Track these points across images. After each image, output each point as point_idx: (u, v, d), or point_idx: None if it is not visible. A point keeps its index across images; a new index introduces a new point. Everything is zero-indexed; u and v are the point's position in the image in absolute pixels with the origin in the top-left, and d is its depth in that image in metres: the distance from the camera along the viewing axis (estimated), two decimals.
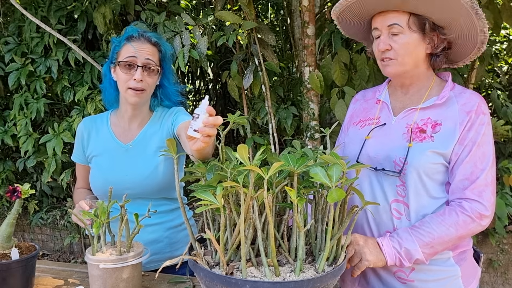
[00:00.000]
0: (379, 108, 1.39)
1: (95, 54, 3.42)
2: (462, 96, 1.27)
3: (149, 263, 1.53)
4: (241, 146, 0.90)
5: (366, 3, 1.24)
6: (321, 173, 0.93)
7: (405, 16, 1.22)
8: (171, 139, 1.14)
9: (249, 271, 0.94)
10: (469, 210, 1.19)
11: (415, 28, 1.23)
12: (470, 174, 1.20)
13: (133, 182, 1.53)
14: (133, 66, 1.46)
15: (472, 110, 1.22)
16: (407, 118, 1.31)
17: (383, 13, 1.25)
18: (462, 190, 1.21)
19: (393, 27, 1.23)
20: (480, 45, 1.27)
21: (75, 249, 4.25)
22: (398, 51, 1.24)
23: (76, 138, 1.67)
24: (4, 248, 1.27)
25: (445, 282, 1.27)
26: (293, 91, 3.71)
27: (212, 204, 0.92)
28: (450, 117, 1.24)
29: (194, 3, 4.42)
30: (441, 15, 1.21)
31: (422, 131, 1.25)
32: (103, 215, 1.21)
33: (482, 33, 1.23)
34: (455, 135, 1.22)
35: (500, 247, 3.22)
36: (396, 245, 1.20)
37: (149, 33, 1.53)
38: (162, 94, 1.61)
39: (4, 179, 3.88)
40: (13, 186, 1.28)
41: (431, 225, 1.20)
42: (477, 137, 1.21)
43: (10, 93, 3.80)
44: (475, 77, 3.14)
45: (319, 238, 1.06)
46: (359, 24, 1.37)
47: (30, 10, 3.38)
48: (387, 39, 1.25)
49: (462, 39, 1.28)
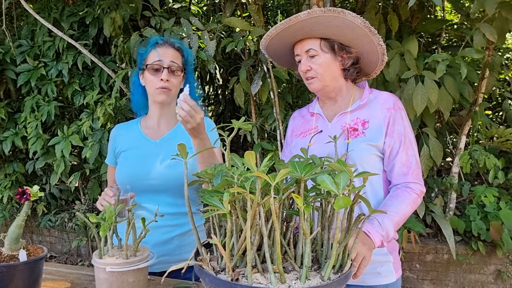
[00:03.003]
0: (315, 119, 1.63)
1: (105, 59, 3.46)
2: (380, 97, 1.53)
3: (158, 264, 1.57)
4: (249, 152, 0.90)
5: (285, 35, 1.51)
6: (328, 181, 0.93)
7: (317, 41, 1.49)
8: (182, 144, 1.14)
9: (254, 277, 0.94)
10: (415, 189, 1.45)
11: (326, 50, 1.49)
12: (406, 161, 1.47)
13: (157, 172, 1.60)
14: (159, 69, 1.61)
15: (391, 107, 1.50)
16: (340, 121, 1.54)
17: (300, 41, 1.52)
18: (404, 175, 1.47)
19: (309, 51, 1.50)
20: (382, 56, 1.52)
21: (82, 251, 4.28)
22: (316, 70, 1.50)
23: (109, 142, 1.80)
24: (12, 250, 1.28)
25: (380, 265, 1.49)
26: (302, 98, 3.71)
27: (219, 210, 0.92)
28: (374, 115, 1.50)
29: (204, 10, 4.45)
30: (344, 36, 1.47)
31: (355, 129, 1.50)
32: (110, 218, 1.22)
33: (380, 46, 1.49)
34: (382, 129, 1.47)
35: (509, 258, 3.19)
36: (379, 229, 1.33)
37: (172, 39, 1.69)
38: None
39: (14, 181, 3.93)
40: (22, 188, 1.30)
41: (395, 205, 1.40)
42: (403, 130, 1.48)
43: (22, 96, 3.85)
44: (485, 86, 3.12)
45: (325, 246, 1.05)
46: (285, 53, 1.63)
47: (44, 14, 3.43)
48: (306, 62, 1.51)
49: (366, 54, 1.53)
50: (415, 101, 2.62)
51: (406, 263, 3.36)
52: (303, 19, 1.42)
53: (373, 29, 1.44)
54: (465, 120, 3.22)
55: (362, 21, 1.42)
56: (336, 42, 1.49)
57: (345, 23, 1.42)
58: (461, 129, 3.26)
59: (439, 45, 3.43)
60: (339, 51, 1.50)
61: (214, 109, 4.95)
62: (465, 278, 3.30)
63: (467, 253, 3.21)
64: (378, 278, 1.50)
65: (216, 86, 4.79)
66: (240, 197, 0.97)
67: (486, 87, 3.12)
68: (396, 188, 1.48)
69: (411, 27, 3.19)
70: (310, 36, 1.49)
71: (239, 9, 3.45)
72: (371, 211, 1.07)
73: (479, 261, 3.25)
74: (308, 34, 1.49)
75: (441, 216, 3.12)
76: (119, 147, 1.72)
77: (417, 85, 2.64)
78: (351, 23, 1.42)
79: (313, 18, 1.42)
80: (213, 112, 4.91)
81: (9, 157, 4.04)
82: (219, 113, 4.74)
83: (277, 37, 1.53)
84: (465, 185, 3.33)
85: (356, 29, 1.44)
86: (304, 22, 1.44)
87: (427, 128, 3.00)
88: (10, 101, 3.93)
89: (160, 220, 1.48)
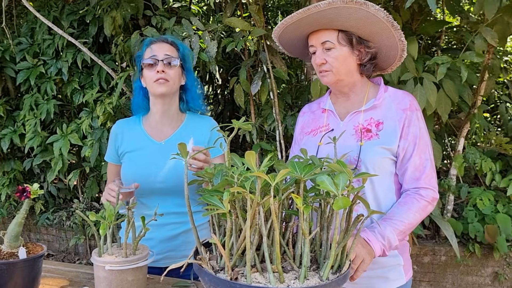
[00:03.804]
0: (326, 116, 1.55)
1: (105, 58, 3.46)
2: (396, 97, 1.46)
3: (164, 259, 1.62)
4: (249, 152, 0.91)
5: (300, 25, 1.41)
6: (327, 181, 0.93)
7: (334, 33, 1.40)
8: (182, 143, 1.15)
9: (253, 276, 0.94)
10: (426, 196, 1.38)
11: (344, 43, 1.40)
12: (419, 165, 1.40)
13: (164, 175, 1.60)
14: (155, 63, 1.61)
15: (407, 108, 1.42)
16: (353, 120, 1.47)
17: (316, 32, 1.43)
18: (416, 180, 1.40)
19: (325, 43, 1.41)
20: (401, 52, 1.44)
21: (80, 250, 4.27)
22: (332, 64, 1.41)
23: (110, 139, 1.77)
24: (11, 247, 1.28)
25: (389, 269, 1.44)
26: (301, 99, 3.72)
27: (218, 209, 0.93)
28: (389, 116, 1.42)
29: (204, 9, 4.45)
30: (363, 30, 1.39)
31: (368, 130, 1.43)
32: (110, 217, 1.22)
33: (400, 42, 1.40)
34: (397, 131, 1.40)
35: (506, 261, 3.20)
36: (380, 238, 1.30)
37: (164, 36, 1.71)
38: (187, 97, 1.73)
39: (12, 178, 3.92)
40: (22, 186, 1.30)
41: (401, 214, 1.35)
42: (418, 132, 1.40)
43: (21, 94, 3.84)
44: (484, 89, 3.12)
45: (324, 246, 1.06)
46: (298, 43, 1.53)
47: (43, 12, 3.43)
48: (322, 54, 1.42)
49: (385, 49, 1.45)
50: None
51: None
52: (323, 9, 1.32)
53: (395, 23, 1.36)
54: (463, 123, 3.23)
55: (385, 14, 1.33)
56: (354, 35, 1.40)
57: (367, 16, 1.33)
58: (459, 131, 3.27)
59: (439, 48, 3.44)
60: (357, 44, 1.41)
61: (214, 109, 4.96)
62: (462, 280, 3.31)
63: (465, 255, 3.22)
64: (387, 283, 1.45)
65: (216, 86, 4.80)
66: (240, 196, 0.98)
67: (485, 90, 3.13)
68: (406, 194, 1.41)
69: (411, 29, 3.20)
70: (327, 27, 1.40)
71: (239, 9, 3.45)
72: (369, 212, 1.07)
73: (476, 263, 3.26)
74: (325, 25, 1.39)
75: (439, 218, 3.13)
76: (122, 147, 1.71)
77: (415, 86, 2.65)
78: (373, 16, 1.33)
79: (333, 8, 1.32)
80: (213, 112, 4.92)
81: (7, 155, 4.03)
82: (219, 113, 4.74)
83: (292, 26, 1.43)
84: (463, 187, 3.34)
85: (378, 23, 1.35)
86: (323, 13, 1.34)
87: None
88: (9, 99, 3.92)
89: (166, 218, 1.52)
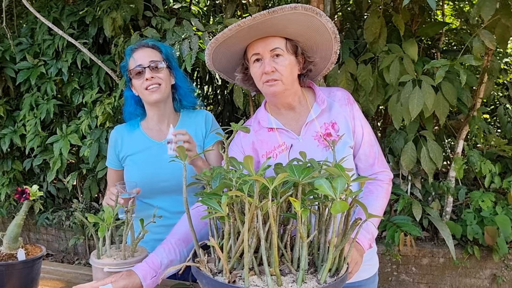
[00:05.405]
0: (278, 135, 1.46)
1: (104, 58, 3.46)
2: (333, 95, 1.48)
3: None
4: (247, 156, 0.91)
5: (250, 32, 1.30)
6: (325, 185, 0.94)
7: (283, 41, 1.35)
8: (181, 146, 1.16)
9: (251, 279, 0.95)
10: (384, 179, 1.46)
11: (291, 51, 1.36)
12: (370, 151, 1.46)
13: (169, 174, 1.61)
14: (141, 71, 1.60)
15: (346, 103, 1.46)
16: (310, 131, 1.44)
17: (262, 39, 1.34)
18: (371, 167, 1.47)
19: (275, 50, 1.34)
20: (330, 64, 1.49)
21: (79, 250, 4.28)
22: (281, 72, 1.34)
23: (109, 144, 1.77)
24: (11, 249, 1.29)
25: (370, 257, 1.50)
26: None
27: (217, 212, 0.93)
28: (337, 115, 1.44)
29: (205, 10, 4.46)
30: (309, 39, 1.38)
31: (329, 134, 1.43)
32: (109, 219, 1.23)
33: (335, 54, 1.44)
34: (349, 126, 1.44)
35: (504, 263, 3.20)
36: (366, 234, 1.34)
37: (144, 41, 1.69)
38: (179, 95, 1.73)
39: (11, 178, 3.92)
40: (21, 187, 1.30)
41: (372, 203, 1.40)
42: (362, 121, 1.47)
43: (21, 94, 3.85)
44: (483, 91, 3.13)
45: (321, 249, 1.06)
46: (231, 55, 1.44)
47: (44, 12, 3.43)
48: (271, 62, 1.34)
49: (319, 61, 1.46)
50: (411, 104, 2.63)
51: (402, 266, 3.37)
52: (288, 12, 1.25)
53: (338, 36, 1.38)
54: (463, 125, 3.23)
55: (332, 25, 1.34)
56: (299, 44, 1.38)
57: (319, 26, 1.33)
58: (459, 133, 3.27)
59: (438, 50, 3.44)
60: (301, 54, 1.40)
61: (213, 109, 4.96)
62: (460, 282, 3.31)
63: (463, 257, 3.22)
64: (371, 270, 1.53)
65: (215, 87, 4.80)
66: (238, 200, 0.98)
67: (485, 92, 3.13)
68: (367, 183, 1.46)
69: (411, 30, 3.20)
70: (276, 34, 1.34)
71: (240, 9, 3.46)
72: (367, 216, 1.07)
73: (474, 265, 3.26)
74: (277, 32, 1.33)
75: (438, 220, 3.14)
76: (123, 151, 1.71)
77: (414, 89, 2.65)
78: (323, 26, 1.33)
79: (297, 13, 1.26)
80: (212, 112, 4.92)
81: (7, 155, 4.03)
82: (218, 113, 4.74)
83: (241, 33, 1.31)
84: (462, 189, 3.34)
85: (324, 33, 1.36)
86: (282, 17, 1.27)
87: (425, 131, 3.02)
88: (9, 99, 3.92)
89: (172, 217, 1.56)
